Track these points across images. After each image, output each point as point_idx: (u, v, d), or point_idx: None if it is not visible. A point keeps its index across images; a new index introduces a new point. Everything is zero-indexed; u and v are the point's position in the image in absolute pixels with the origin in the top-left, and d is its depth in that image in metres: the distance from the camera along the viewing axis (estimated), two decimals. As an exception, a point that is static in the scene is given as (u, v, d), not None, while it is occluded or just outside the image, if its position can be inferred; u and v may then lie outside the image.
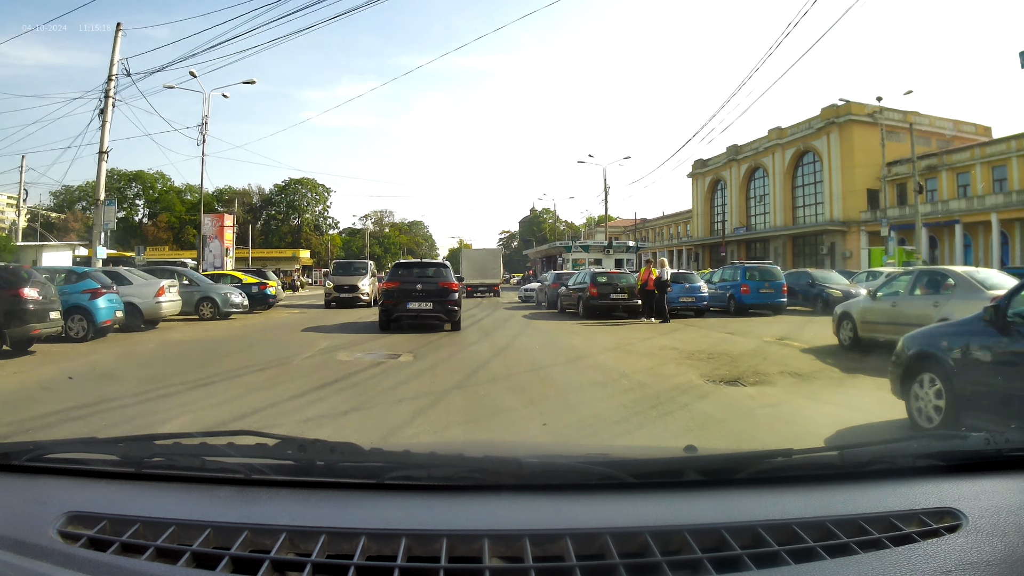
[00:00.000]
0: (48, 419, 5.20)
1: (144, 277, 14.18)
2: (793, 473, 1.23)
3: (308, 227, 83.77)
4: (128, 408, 5.69)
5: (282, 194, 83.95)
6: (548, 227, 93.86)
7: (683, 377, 7.44)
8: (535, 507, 1.07)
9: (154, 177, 77.64)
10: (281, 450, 1.19)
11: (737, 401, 6.13)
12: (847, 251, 41.25)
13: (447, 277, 13.24)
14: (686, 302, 17.29)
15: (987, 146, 37.11)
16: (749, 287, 17.95)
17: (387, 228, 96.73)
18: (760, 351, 9.94)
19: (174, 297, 14.39)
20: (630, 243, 41.99)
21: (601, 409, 5.73)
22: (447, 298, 12.88)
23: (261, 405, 5.76)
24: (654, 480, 1.18)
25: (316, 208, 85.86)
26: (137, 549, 0.94)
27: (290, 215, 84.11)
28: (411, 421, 5.25)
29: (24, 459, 1.22)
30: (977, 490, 1.14)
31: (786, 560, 0.92)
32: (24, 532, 0.96)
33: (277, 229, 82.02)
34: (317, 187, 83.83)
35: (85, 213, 73.14)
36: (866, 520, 1.02)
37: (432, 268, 13.76)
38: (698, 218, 60.07)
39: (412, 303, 12.82)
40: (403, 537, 0.95)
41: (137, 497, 1.11)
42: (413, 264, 14.40)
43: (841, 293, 17.73)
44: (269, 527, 0.98)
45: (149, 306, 13.45)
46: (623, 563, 0.90)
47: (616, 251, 38.37)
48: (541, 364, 8.57)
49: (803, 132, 46.19)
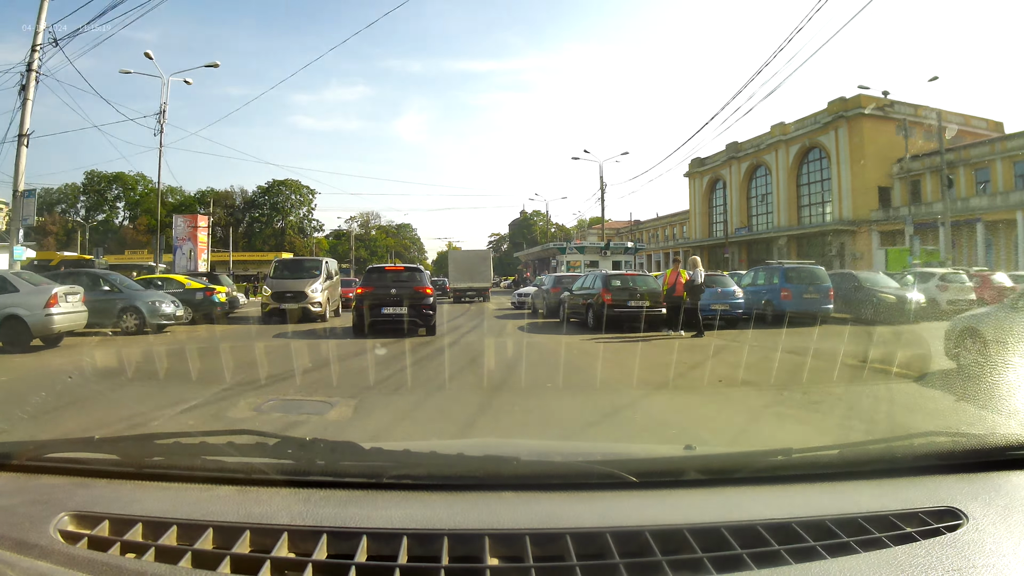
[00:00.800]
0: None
1: (35, 282, 11.25)
2: (793, 472, 1.22)
3: (292, 229, 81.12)
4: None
5: (265, 196, 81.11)
6: (539, 229, 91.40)
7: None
8: (535, 506, 1.06)
9: (135, 179, 74.75)
10: (281, 450, 1.20)
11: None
12: (857, 252, 38.98)
13: (421, 282, 13.36)
14: (718, 310, 14.47)
15: (1008, 140, 35.00)
16: (791, 292, 15.31)
17: (373, 231, 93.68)
18: (868, 386, 7.05)
19: (74, 308, 11.31)
20: (628, 244, 39.19)
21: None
22: (422, 303, 12.86)
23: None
24: (654, 479, 1.18)
25: (300, 210, 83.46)
26: (137, 549, 0.95)
27: (274, 218, 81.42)
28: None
29: (25, 458, 1.23)
30: (978, 489, 1.13)
31: (786, 559, 0.91)
32: (24, 532, 0.96)
33: (261, 232, 79.63)
34: (301, 188, 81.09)
35: (64, 216, 69.82)
36: (866, 519, 1.01)
37: (406, 273, 13.85)
38: (695, 219, 57.62)
39: (386, 308, 12.69)
40: (403, 536, 0.95)
41: (137, 497, 1.11)
42: (386, 269, 14.24)
43: (895, 298, 15.18)
44: (269, 527, 0.98)
45: (38, 319, 10.43)
46: (623, 562, 0.90)
47: (614, 252, 35.62)
48: (565, 424, 5.40)
49: (809, 127, 43.84)
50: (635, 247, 39.60)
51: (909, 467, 1.23)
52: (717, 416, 5.75)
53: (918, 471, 1.22)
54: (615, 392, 6.87)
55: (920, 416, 5.70)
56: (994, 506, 1.06)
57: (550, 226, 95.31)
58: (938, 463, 1.24)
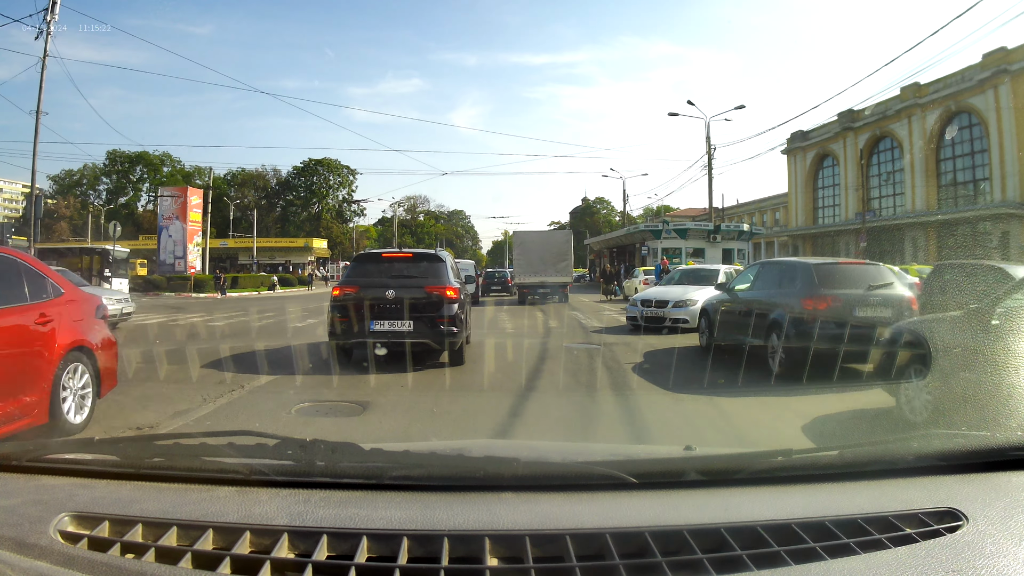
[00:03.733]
0: None
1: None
2: (793, 473, 1.22)
3: (329, 214, 73.53)
4: None
5: (301, 177, 73.08)
6: (601, 218, 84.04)
7: None
8: (535, 507, 1.06)
9: (159, 159, 69.84)
10: (281, 450, 1.19)
11: None
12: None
13: (438, 277, 8.14)
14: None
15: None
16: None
17: (421, 215, 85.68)
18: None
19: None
20: (743, 226, 31.31)
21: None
22: (438, 312, 7.84)
23: None
24: (654, 480, 1.17)
25: (339, 192, 75.09)
26: (137, 549, 0.94)
27: (310, 200, 73.63)
28: None
29: (25, 459, 1.23)
30: (978, 490, 1.13)
31: (786, 560, 0.91)
32: (24, 532, 0.95)
33: (296, 216, 72.78)
34: (340, 169, 73.25)
35: (79, 199, 66.93)
36: (866, 520, 1.01)
37: (414, 263, 8.50)
38: (796, 202, 48.68)
39: (380, 321, 7.79)
40: (403, 537, 0.95)
41: (137, 497, 1.10)
42: (384, 256, 8.73)
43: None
44: (269, 527, 0.97)
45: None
46: (623, 563, 0.89)
47: (726, 237, 28.23)
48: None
49: (954, 87, 34.75)
50: (751, 231, 31.24)
51: (909, 467, 1.23)
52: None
53: (918, 471, 1.22)
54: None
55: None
56: (994, 507, 1.05)
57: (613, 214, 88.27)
58: (938, 463, 1.23)
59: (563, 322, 15.12)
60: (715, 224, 29.30)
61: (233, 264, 58.30)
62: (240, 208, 63.45)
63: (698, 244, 28.00)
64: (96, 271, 28.37)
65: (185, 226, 39.36)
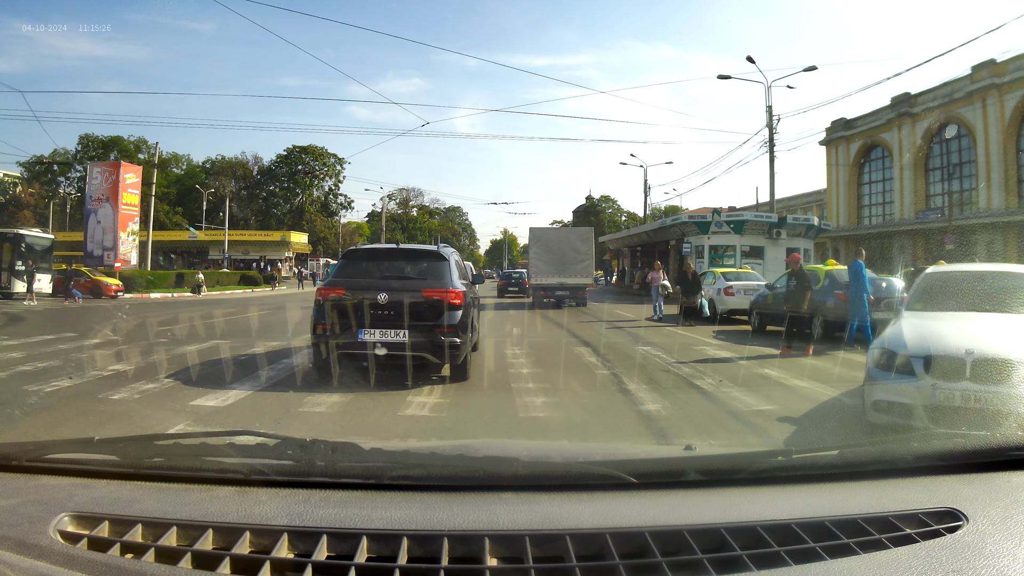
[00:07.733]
0: None
1: None
2: (793, 473, 1.21)
3: (313, 206, 66.18)
4: None
5: (284, 165, 65.97)
6: (607, 217, 78.51)
7: None
8: (535, 507, 1.05)
9: (134, 144, 60.86)
10: (281, 450, 1.19)
11: None
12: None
13: (440, 278, 7.00)
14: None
15: None
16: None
17: (415, 209, 77.97)
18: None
19: None
20: (813, 220, 25.92)
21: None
22: (439, 320, 6.71)
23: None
24: (654, 480, 1.16)
25: (325, 183, 67.57)
26: (137, 549, 0.94)
27: (293, 191, 66.30)
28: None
29: (25, 459, 1.21)
30: (978, 490, 1.12)
31: (786, 560, 0.90)
32: (24, 532, 0.95)
33: (278, 209, 65.81)
34: (326, 157, 65.89)
35: (46, 187, 60.79)
36: (866, 520, 1.00)
37: (414, 263, 7.38)
38: (837, 199, 43.24)
39: (368, 330, 6.67)
40: (403, 537, 0.94)
41: (137, 497, 1.10)
42: (378, 252, 7.84)
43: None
44: (269, 527, 0.97)
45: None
46: (623, 563, 0.89)
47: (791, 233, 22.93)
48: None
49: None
50: (819, 227, 25.81)
51: (909, 468, 1.22)
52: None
53: (918, 471, 1.21)
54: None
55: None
56: (994, 507, 1.05)
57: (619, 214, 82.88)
58: (938, 463, 1.23)
59: (586, 335, 11.22)
60: (779, 216, 23.88)
61: (204, 259, 52.79)
62: (216, 198, 57.63)
63: (756, 241, 22.84)
64: (6, 264, 22.74)
65: (116, 211, 31.47)
